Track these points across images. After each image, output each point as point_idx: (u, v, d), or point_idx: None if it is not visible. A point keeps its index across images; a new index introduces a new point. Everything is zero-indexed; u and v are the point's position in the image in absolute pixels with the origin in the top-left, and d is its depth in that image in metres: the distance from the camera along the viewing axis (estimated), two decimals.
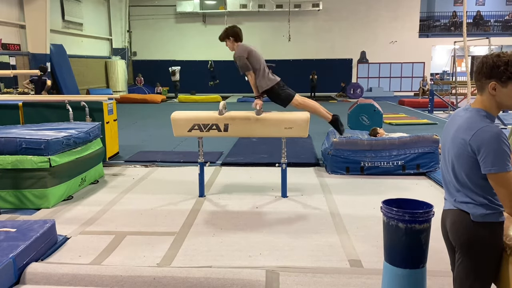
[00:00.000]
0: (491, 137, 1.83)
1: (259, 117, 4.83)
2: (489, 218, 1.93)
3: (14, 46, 14.13)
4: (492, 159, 1.82)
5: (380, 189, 5.45)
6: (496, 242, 1.95)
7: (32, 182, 4.71)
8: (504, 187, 1.83)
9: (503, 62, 1.86)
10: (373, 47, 23.09)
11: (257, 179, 5.97)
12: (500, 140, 1.83)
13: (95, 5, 20.69)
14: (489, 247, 1.95)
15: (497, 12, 24.61)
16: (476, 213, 1.95)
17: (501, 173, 1.82)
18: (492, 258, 1.97)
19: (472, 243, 1.96)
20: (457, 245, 2.04)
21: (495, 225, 1.94)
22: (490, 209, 1.93)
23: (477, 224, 1.94)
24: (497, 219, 1.94)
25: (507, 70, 1.85)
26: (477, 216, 1.94)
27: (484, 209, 1.93)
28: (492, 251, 1.96)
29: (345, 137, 6.24)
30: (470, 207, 1.96)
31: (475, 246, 1.96)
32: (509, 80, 1.86)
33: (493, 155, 1.82)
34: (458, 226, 2.01)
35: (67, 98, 7.09)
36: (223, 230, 4.14)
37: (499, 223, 1.95)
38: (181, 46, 23.54)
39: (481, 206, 1.94)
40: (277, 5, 22.09)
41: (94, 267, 3.27)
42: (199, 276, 3.10)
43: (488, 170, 1.84)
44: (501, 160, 1.81)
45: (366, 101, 10.15)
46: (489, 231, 1.94)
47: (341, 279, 3.12)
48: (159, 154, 7.51)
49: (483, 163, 1.85)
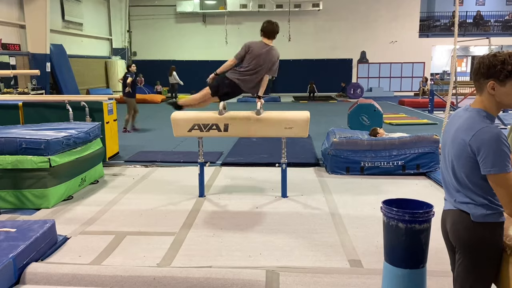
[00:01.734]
0: (490, 138, 1.83)
1: (259, 117, 4.83)
2: (489, 219, 1.93)
3: (14, 46, 14.13)
4: (492, 160, 1.82)
5: (380, 189, 5.44)
6: (496, 243, 1.95)
7: (32, 182, 4.71)
8: (504, 187, 1.83)
9: (499, 61, 1.87)
10: (373, 47, 23.07)
11: (257, 179, 5.97)
12: (500, 141, 1.83)
13: (95, 5, 20.68)
14: (489, 247, 1.95)
15: (497, 12, 24.61)
16: (476, 214, 1.95)
17: (501, 174, 1.82)
18: (493, 259, 1.97)
19: (473, 244, 1.96)
20: (457, 246, 2.04)
21: (495, 226, 1.94)
22: (490, 210, 1.93)
23: (477, 224, 1.94)
24: (497, 219, 1.94)
25: (504, 68, 1.86)
26: (477, 216, 1.94)
27: (484, 210, 1.93)
28: (492, 251, 1.95)
29: (345, 137, 6.24)
30: (470, 207, 1.96)
31: (475, 247, 1.96)
32: (507, 79, 1.87)
33: (492, 156, 1.82)
34: (458, 227, 2.01)
35: (67, 98, 7.09)
36: (223, 230, 4.14)
37: (499, 223, 1.95)
38: (181, 46, 23.53)
39: (481, 206, 1.94)
40: (277, 5, 22.08)
41: (94, 267, 3.27)
42: (199, 276, 3.10)
43: (488, 171, 1.84)
44: (500, 161, 1.82)
45: (366, 101, 10.15)
46: (489, 231, 1.94)
47: (341, 279, 3.12)
48: (159, 154, 7.51)
49: (482, 164, 1.85)
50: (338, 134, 6.40)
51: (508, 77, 1.86)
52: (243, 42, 4.95)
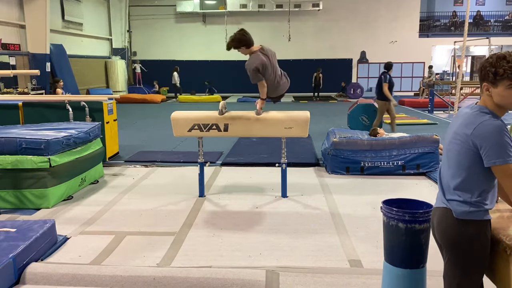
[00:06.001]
0: (493, 130, 1.84)
1: (259, 117, 4.83)
2: (472, 216, 1.94)
3: (14, 46, 14.12)
4: (496, 151, 1.83)
5: (380, 189, 5.44)
6: (481, 240, 1.95)
7: (32, 182, 4.71)
8: (511, 177, 1.84)
9: (488, 63, 1.90)
10: (373, 47, 23.07)
11: (257, 179, 5.97)
12: (502, 133, 1.84)
13: (95, 5, 20.68)
14: (474, 245, 1.95)
15: (497, 12, 24.61)
16: (458, 210, 1.96)
17: (506, 164, 1.83)
18: (479, 256, 1.96)
19: (457, 241, 1.97)
20: (442, 243, 2.05)
21: (479, 223, 1.94)
22: (474, 207, 1.93)
23: (460, 221, 1.95)
24: (482, 217, 1.94)
25: (490, 71, 1.88)
26: (459, 213, 1.95)
27: (468, 207, 1.94)
28: (477, 248, 1.95)
29: (345, 137, 6.24)
30: (454, 204, 1.98)
31: (459, 244, 1.96)
32: (496, 80, 1.88)
33: (497, 148, 1.83)
34: (442, 224, 2.02)
35: (67, 98, 7.08)
36: (223, 230, 4.14)
37: (484, 221, 1.95)
38: (181, 46, 23.52)
39: (465, 203, 1.94)
40: (277, 5, 22.07)
41: (94, 267, 3.27)
42: (199, 276, 3.10)
43: (493, 163, 1.84)
44: (504, 151, 1.82)
45: (366, 101, 10.15)
46: (473, 229, 1.94)
47: (341, 279, 3.12)
48: (159, 154, 7.51)
49: (486, 156, 1.86)
50: (338, 134, 6.40)
51: (496, 79, 1.88)
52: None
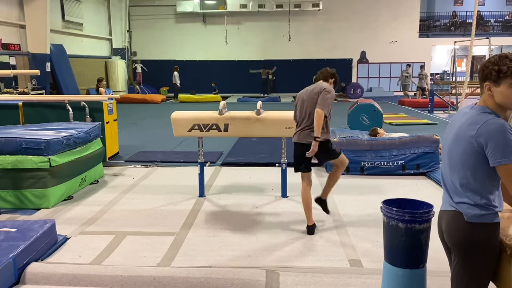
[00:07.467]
0: (497, 129, 1.83)
1: (259, 117, 4.83)
2: (483, 219, 1.92)
3: (14, 46, 14.12)
4: (501, 150, 1.82)
5: (380, 189, 5.44)
6: (491, 243, 1.94)
7: (32, 182, 4.71)
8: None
9: (490, 62, 1.91)
10: (373, 47, 23.06)
11: (257, 179, 5.96)
12: (507, 131, 1.83)
13: (95, 5, 20.67)
14: (484, 248, 1.93)
15: (497, 12, 24.59)
16: (470, 214, 1.94)
17: None
18: (488, 259, 1.95)
19: (467, 244, 1.95)
20: (452, 246, 2.03)
21: (490, 226, 1.93)
22: (485, 210, 1.92)
23: (471, 224, 1.94)
24: (492, 220, 1.93)
25: (493, 69, 1.88)
26: (471, 216, 1.94)
27: (479, 210, 1.92)
28: (487, 251, 1.94)
29: (345, 137, 6.24)
30: (464, 207, 1.95)
31: (469, 247, 1.95)
32: (498, 79, 1.88)
33: (501, 147, 1.82)
34: (452, 227, 2.00)
35: (67, 98, 7.09)
36: (223, 230, 4.14)
37: (494, 224, 1.94)
38: (181, 46, 23.50)
39: (475, 206, 1.93)
40: (277, 5, 22.05)
41: (94, 267, 3.27)
42: (199, 276, 3.10)
43: (499, 162, 1.83)
44: (509, 151, 1.81)
45: (366, 101, 10.14)
46: (484, 232, 1.93)
47: (341, 279, 3.12)
48: (159, 154, 7.51)
49: (491, 155, 1.84)
50: (338, 134, 6.40)
51: (499, 78, 1.88)
52: (243, 42, 4.97)
